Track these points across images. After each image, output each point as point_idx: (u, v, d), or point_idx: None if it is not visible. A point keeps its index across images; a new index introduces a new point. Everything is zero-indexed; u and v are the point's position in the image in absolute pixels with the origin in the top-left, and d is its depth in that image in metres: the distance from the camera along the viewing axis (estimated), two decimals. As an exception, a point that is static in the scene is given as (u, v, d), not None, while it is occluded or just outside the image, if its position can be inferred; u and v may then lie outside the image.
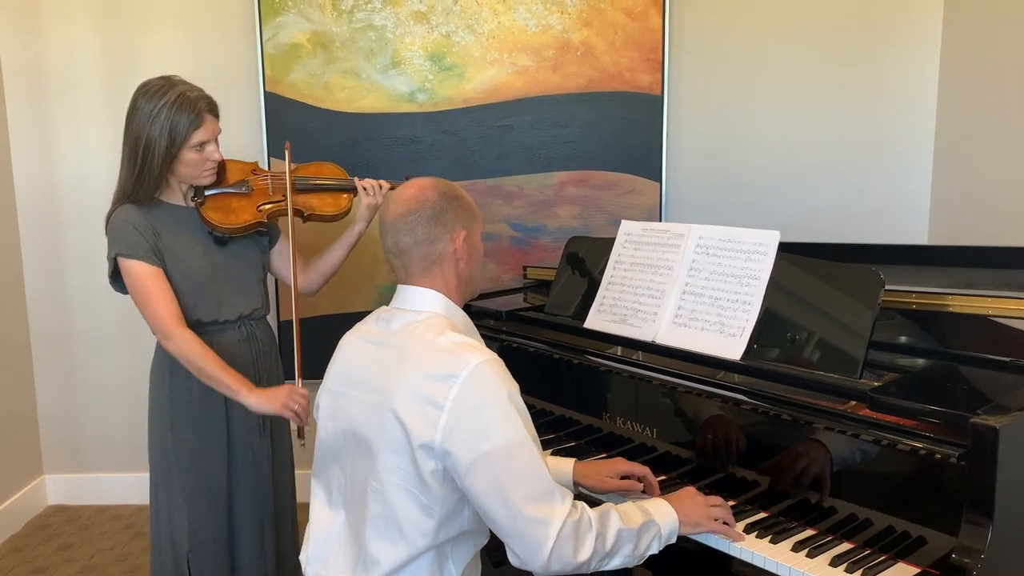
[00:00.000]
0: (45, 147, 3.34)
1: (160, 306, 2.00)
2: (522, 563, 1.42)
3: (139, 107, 1.99)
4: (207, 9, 3.22)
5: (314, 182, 2.30)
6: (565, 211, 3.27)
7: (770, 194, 3.25)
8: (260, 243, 2.24)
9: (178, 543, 2.12)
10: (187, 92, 2.00)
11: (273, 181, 2.23)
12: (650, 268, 1.98)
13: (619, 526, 1.45)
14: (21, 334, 3.43)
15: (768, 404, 1.63)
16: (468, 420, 1.38)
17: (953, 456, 1.36)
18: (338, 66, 3.19)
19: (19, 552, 3.14)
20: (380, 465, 1.44)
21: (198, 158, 2.04)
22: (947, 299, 1.72)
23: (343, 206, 2.32)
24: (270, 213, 2.19)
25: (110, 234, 2.04)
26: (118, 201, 2.06)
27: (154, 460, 2.15)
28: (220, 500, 2.14)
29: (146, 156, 1.99)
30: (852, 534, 1.51)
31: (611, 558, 1.46)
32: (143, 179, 2.01)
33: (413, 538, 1.44)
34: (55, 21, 3.25)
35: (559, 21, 3.16)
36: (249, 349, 2.17)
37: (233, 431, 2.14)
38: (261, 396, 1.98)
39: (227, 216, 2.13)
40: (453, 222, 1.54)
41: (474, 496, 1.40)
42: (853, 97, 3.19)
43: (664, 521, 1.52)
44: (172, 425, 2.11)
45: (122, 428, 3.50)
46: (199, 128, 2.00)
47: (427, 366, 1.42)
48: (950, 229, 3.10)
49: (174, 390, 2.10)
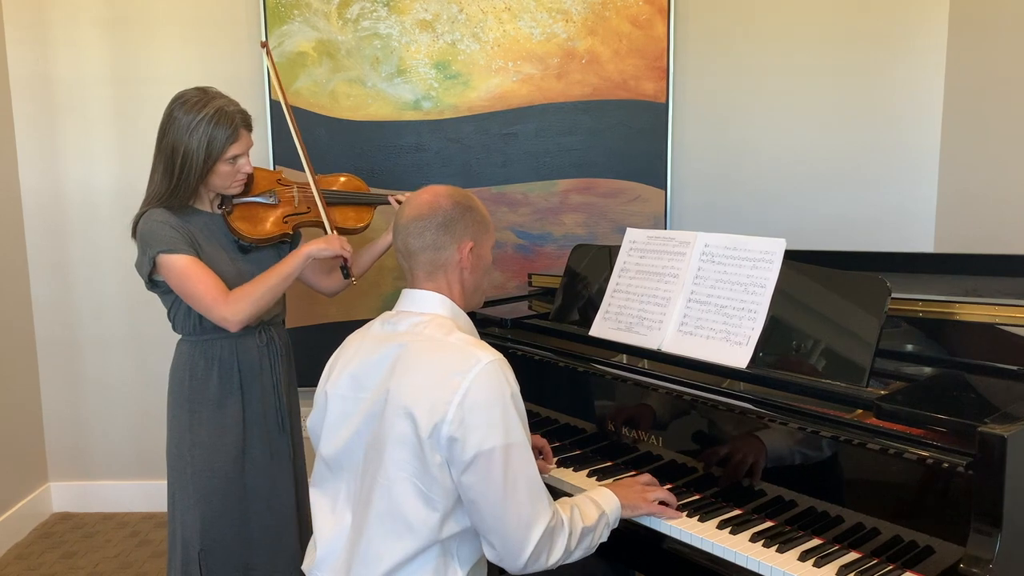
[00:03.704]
0: (52, 156, 3.35)
1: (208, 289, 2.02)
2: (499, 559, 1.48)
3: (176, 118, 2.03)
4: (213, 19, 3.23)
5: (339, 196, 2.36)
6: (570, 219, 3.27)
7: (776, 202, 3.25)
8: (281, 251, 2.27)
9: (191, 542, 2.14)
10: (225, 106, 2.05)
11: (299, 192, 2.28)
12: (656, 276, 1.98)
13: (582, 525, 1.53)
14: (27, 341, 3.43)
15: (774, 413, 1.63)
16: (475, 416, 1.41)
17: (961, 465, 1.35)
18: (344, 74, 3.20)
19: (24, 560, 3.14)
20: (388, 460, 1.46)
21: (231, 170, 2.08)
22: (954, 307, 1.71)
23: (365, 220, 2.39)
24: (296, 224, 2.25)
25: (144, 236, 2.05)
26: (148, 205, 2.08)
27: (171, 460, 2.17)
28: (234, 500, 2.15)
29: (183, 167, 2.03)
30: (859, 543, 1.50)
31: (572, 555, 1.53)
32: (179, 189, 2.06)
33: (417, 532, 1.46)
34: (63, 32, 3.27)
35: (564, 29, 3.16)
36: (268, 353, 2.19)
37: (249, 431, 2.16)
38: (319, 242, 2.12)
39: (254, 226, 2.18)
40: (462, 232, 1.57)
41: (466, 489, 1.44)
42: (859, 104, 3.19)
43: (610, 509, 1.61)
44: (191, 426, 2.13)
45: (127, 436, 3.50)
46: (235, 142, 2.05)
47: (437, 362, 1.45)
48: (956, 236, 3.09)
49: (193, 391, 2.13)
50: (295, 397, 2.33)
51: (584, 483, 1.86)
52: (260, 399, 2.18)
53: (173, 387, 2.18)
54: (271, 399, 2.20)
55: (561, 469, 1.93)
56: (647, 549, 1.72)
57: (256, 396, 2.17)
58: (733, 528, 1.61)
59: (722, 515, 1.67)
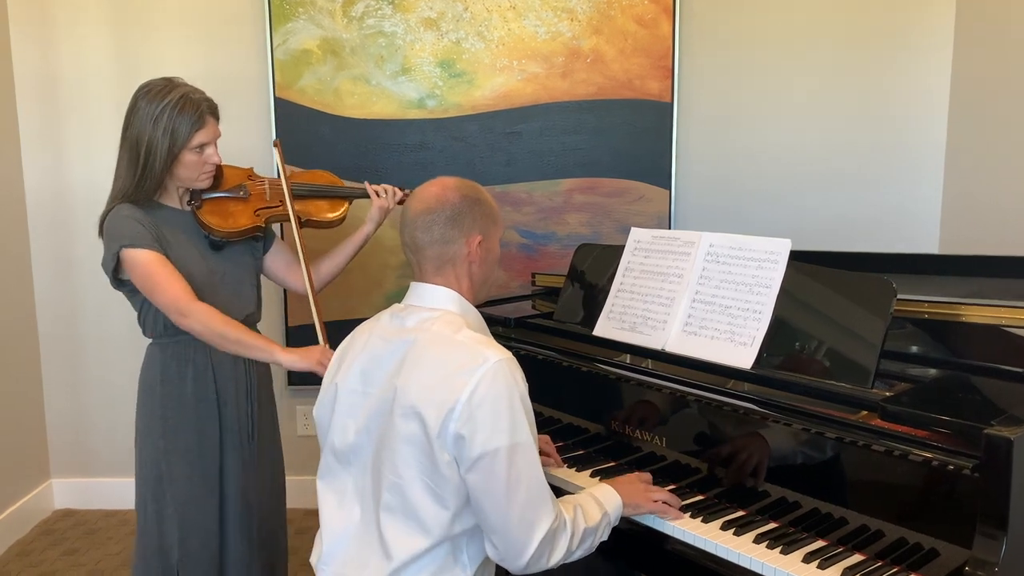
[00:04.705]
0: (56, 155, 3.35)
1: (170, 286, 1.95)
2: (501, 559, 1.48)
3: (140, 108, 1.98)
4: (218, 16, 3.23)
5: (310, 188, 2.34)
6: (574, 218, 3.26)
7: (781, 202, 3.24)
8: (254, 248, 2.23)
9: (168, 553, 2.08)
10: (190, 93, 2.00)
11: (270, 186, 2.25)
12: (660, 276, 1.97)
13: (584, 526, 1.52)
14: (30, 338, 3.43)
15: (779, 414, 1.62)
16: (482, 415, 1.40)
17: (967, 467, 1.34)
18: (348, 72, 3.20)
19: (26, 556, 3.14)
20: (398, 458, 1.45)
21: (197, 160, 2.02)
22: (960, 308, 1.71)
23: (339, 213, 2.36)
24: (267, 218, 2.21)
25: (109, 231, 2.00)
26: (115, 202, 2.03)
27: (143, 468, 2.11)
28: (211, 509, 2.09)
29: (148, 157, 1.97)
30: (864, 545, 1.50)
31: (574, 555, 1.52)
32: (144, 181, 1.99)
33: (428, 530, 1.45)
34: (67, 29, 3.27)
35: (569, 28, 3.16)
36: (243, 356, 2.11)
37: (225, 439, 2.11)
38: (295, 354, 1.98)
39: (225, 220, 2.13)
40: (471, 225, 1.55)
41: (471, 488, 1.43)
42: (864, 104, 3.18)
43: (612, 508, 1.60)
44: (164, 433, 2.07)
45: (130, 433, 3.41)
46: (201, 129, 2.00)
47: (446, 360, 1.45)
48: (961, 237, 3.09)
49: (165, 397, 2.07)
50: (269, 402, 2.25)
51: (587, 483, 1.85)
52: (235, 403, 2.12)
53: (143, 392, 2.11)
54: (244, 405, 2.14)
55: (564, 468, 1.93)
56: (650, 550, 1.71)
57: (231, 400, 2.11)
58: (737, 529, 1.61)
59: (726, 516, 1.66)
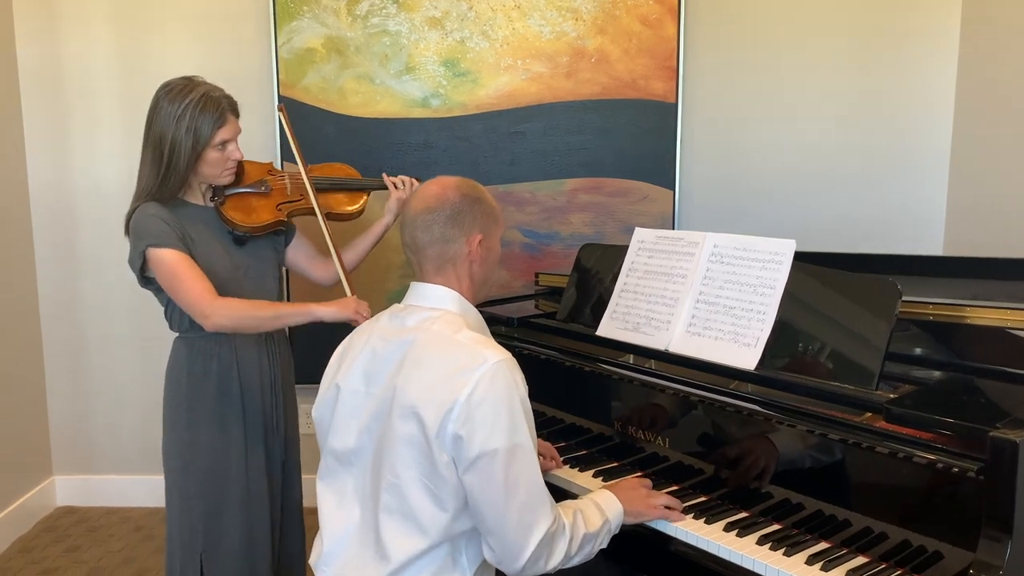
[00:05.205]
0: (60, 152, 3.35)
1: (195, 285, 1.99)
2: (497, 561, 1.47)
3: (162, 107, 2.01)
4: (222, 14, 3.23)
5: (330, 181, 2.36)
6: (578, 218, 3.26)
7: (785, 203, 3.23)
8: (276, 242, 2.26)
9: (192, 544, 2.11)
10: (210, 92, 2.03)
11: (291, 180, 2.27)
12: (664, 276, 1.97)
13: (584, 531, 1.52)
14: (33, 335, 3.44)
15: (782, 415, 1.62)
16: (481, 415, 1.40)
17: (971, 470, 1.34)
18: (352, 71, 3.20)
19: (28, 553, 3.14)
20: (397, 458, 1.45)
21: (220, 157, 2.06)
22: (965, 310, 1.70)
23: (358, 206, 2.39)
24: (290, 212, 2.23)
25: (135, 230, 2.03)
26: (139, 200, 2.06)
27: (169, 460, 2.15)
28: (236, 500, 2.13)
29: (172, 156, 2.00)
30: (867, 548, 1.49)
31: (572, 560, 1.51)
32: (168, 179, 2.02)
33: (427, 531, 1.45)
34: (71, 27, 3.27)
35: (574, 28, 3.15)
36: (266, 348, 2.18)
37: (249, 431, 2.14)
38: (332, 305, 2.05)
39: (248, 215, 2.16)
40: (471, 224, 1.55)
41: (468, 489, 1.43)
42: (869, 105, 3.17)
43: (613, 515, 1.59)
44: (189, 425, 2.11)
45: (132, 430, 3.50)
46: (223, 127, 2.03)
47: (445, 361, 1.44)
48: (966, 238, 3.08)
49: (192, 390, 2.10)
50: (292, 396, 2.29)
51: (589, 483, 1.85)
52: (260, 397, 2.15)
53: (169, 386, 2.15)
54: (268, 398, 2.18)
55: (566, 469, 1.93)
56: (653, 551, 1.71)
57: (256, 394, 2.15)
58: (740, 531, 1.60)
59: (729, 517, 1.66)
